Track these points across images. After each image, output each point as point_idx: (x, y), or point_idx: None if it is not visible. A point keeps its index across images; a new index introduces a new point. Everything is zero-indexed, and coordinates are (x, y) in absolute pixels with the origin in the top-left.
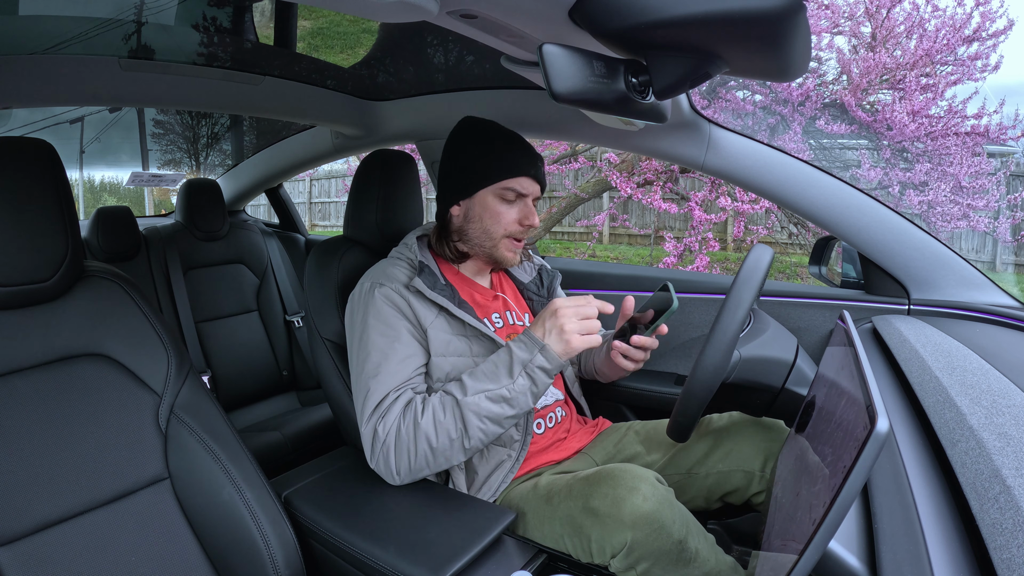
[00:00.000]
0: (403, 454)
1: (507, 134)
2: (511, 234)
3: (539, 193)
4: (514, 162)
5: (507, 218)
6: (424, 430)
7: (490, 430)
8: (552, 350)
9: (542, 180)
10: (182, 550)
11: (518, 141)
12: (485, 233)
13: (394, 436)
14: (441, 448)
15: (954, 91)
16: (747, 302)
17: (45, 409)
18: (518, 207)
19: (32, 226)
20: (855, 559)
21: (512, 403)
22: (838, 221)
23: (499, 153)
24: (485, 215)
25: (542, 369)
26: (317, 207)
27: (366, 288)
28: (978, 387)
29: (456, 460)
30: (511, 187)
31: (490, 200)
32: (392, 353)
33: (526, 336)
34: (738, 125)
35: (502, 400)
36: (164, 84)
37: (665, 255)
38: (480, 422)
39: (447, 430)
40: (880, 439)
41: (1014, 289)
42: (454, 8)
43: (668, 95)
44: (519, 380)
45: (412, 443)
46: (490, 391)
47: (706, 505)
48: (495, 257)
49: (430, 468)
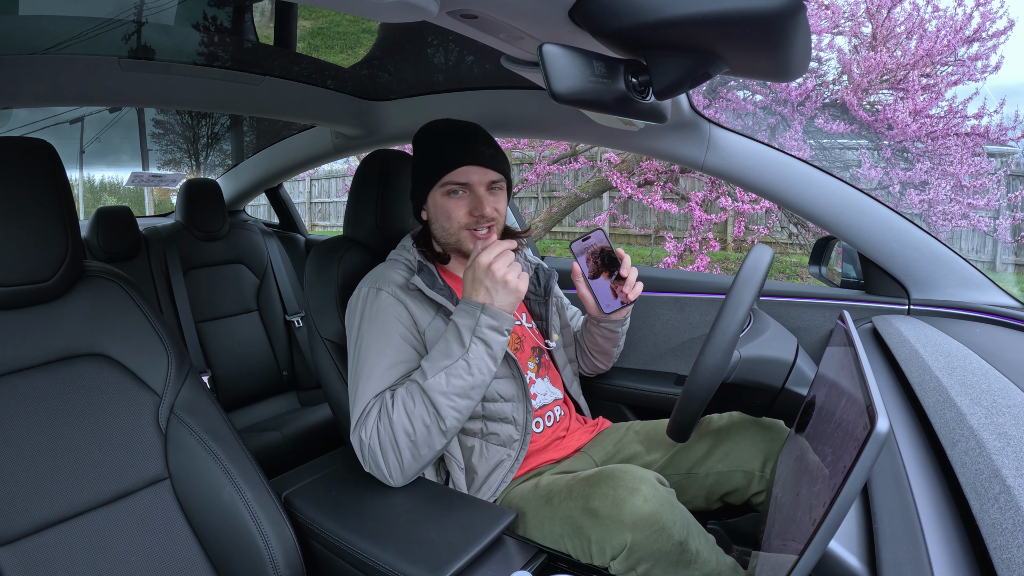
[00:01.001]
0: (388, 453)
1: (450, 129)
2: (465, 226)
3: (492, 178)
4: (449, 156)
5: (457, 213)
6: (399, 424)
7: (461, 405)
8: (494, 307)
9: (488, 163)
10: (182, 550)
11: (459, 133)
12: (444, 231)
13: (376, 438)
14: (420, 437)
15: (954, 91)
16: (747, 302)
17: (45, 409)
18: (467, 200)
19: (32, 226)
20: (855, 559)
21: (472, 371)
22: (838, 221)
23: (436, 152)
24: (439, 215)
25: (491, 328)
26: (317, 207)
27: (363, 292)
28: (978, 387)
29: (439, 445)
30: (451, 181)
31: (439, 199)
32: (381, 359)
33: (464, 303)
34: (738, 125)
35: (462, 372)
36: (164, 84)
37: (665, 255)
38: (448, 400)
39: (421, 417)
40: (880, 439)
41: (1014, 289)
42: (454, 8)
43: (668, 95)
44: (472, 347)
45: (392, 440)
46: (447, 366)
47: (706, 505)
48: (462, 251)
49: (418, 461)
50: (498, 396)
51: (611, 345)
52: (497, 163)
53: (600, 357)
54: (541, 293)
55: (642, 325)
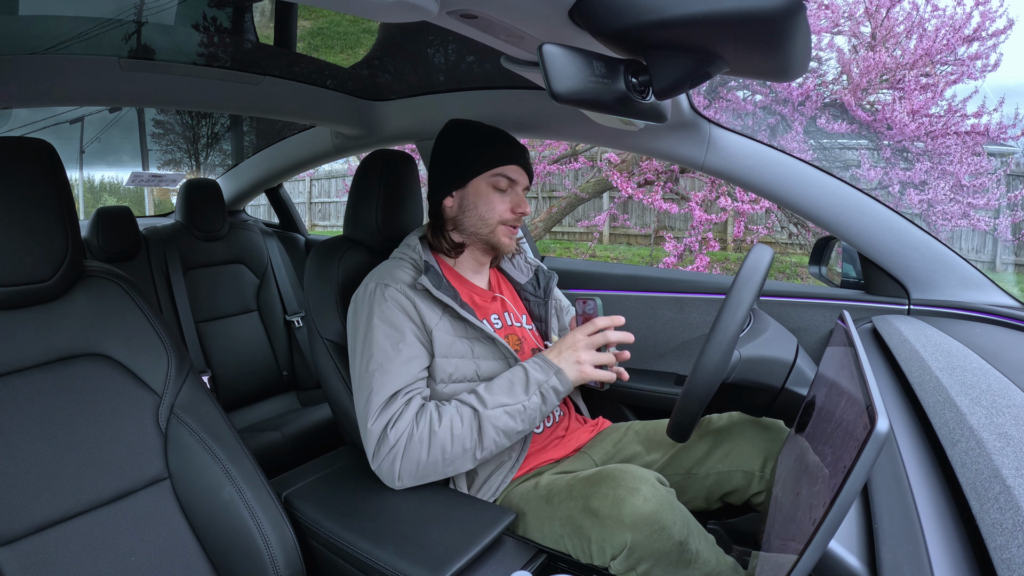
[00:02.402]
0: (412, 460)
1: (492, 129)
2: (505, 221)
3: (527, 183)
4: (504, 151)
5: (501, 206)
6: (441, 438)
7: (501, 443)
8: (566, 375)
9: (530, 170)
10: (182, 550)
11: (504, 134)
12: (481, 220)
13: (405, 441)
14: (453, 457)
15: (954, 90)
16: (747, 302)
17: (45, 409)
18: (510, 196)
19: (32, 226)
20: (855, 559)
21: (525, 419)
22: (838, 221)
23: (488, 143)
24: (480, 202)
25: (555, 390)
26: (317, 207)
27: (371, 288)
28: (978, 387)
29: (463, 469)
30: (503, 174)
31: (483, 188)
32: (396, 354)
33: (541, 359)
34: (738, 125)
35: (518, 415)
36: (164, 84)
37: (665, 255)
38: (496, 434)
39: (463, 440)
40: (880, 439)
41: (1014, 289)
42: (454, 8)
43: (668, 95)
44: (533, 398)
45: (425, 450)
46: (508, 406)
47: (706, 505)
48: (492, 243)
49: (435, 475)
50: None
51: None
52: (531, 172)
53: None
54: (541, 295)
55: (642, 325)
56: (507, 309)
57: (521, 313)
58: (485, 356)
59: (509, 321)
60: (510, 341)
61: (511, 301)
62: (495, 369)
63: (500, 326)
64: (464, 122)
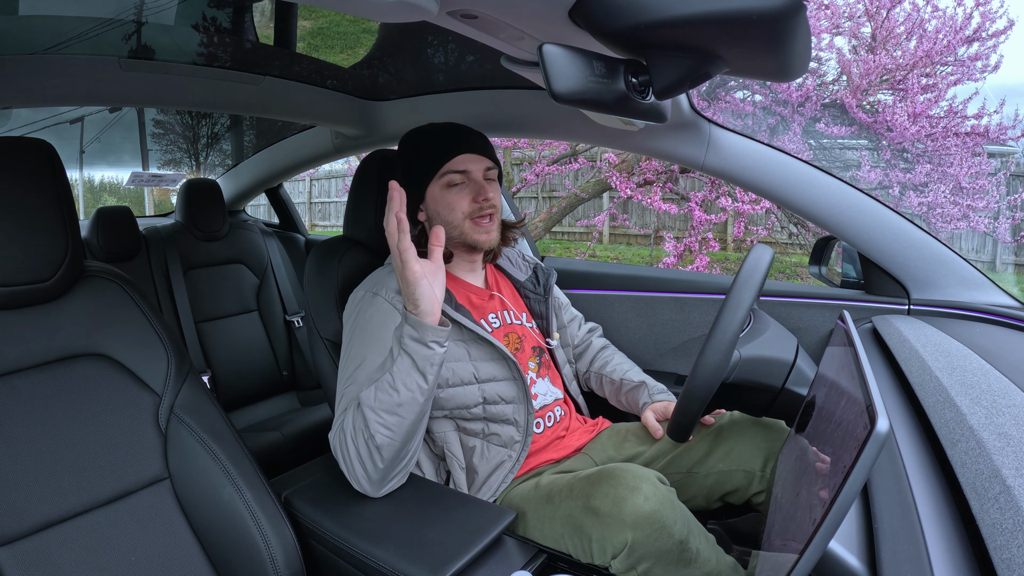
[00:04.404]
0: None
1: (438, 127)
2: (469, 215)
3: (488, 165)
4: (445, 146)
5: (460, 203)
6: (349, 435)
7: (389, 422)
8: (413, 315)
9: (484, 151)
10: (182, 550)
11: (449, 128)
12: (448, 224)
13: (339, 451)
14: (363, 452)
15: (954, 91)
16: (747, 302)
17: (45, 409)
18: (468, 188)
19: (32, 226)
20: (855, 559)
21: (397, 386)
22: (838, 221)
23: (430, 146)
24: (440, 208)
25: (412, 339)
26: (317, 207)
27: (359, 296)
28: (978, 387)
29: (380, 462)
30: (450, 170)
31: (438, 193)
32: (365, 364)
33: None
34: (738, 126)
35: (387, 387)
36: (164, 84)
37: (665, 255)
38: (377, 416)
39: (360, 431)
40: (880, 439)
41: (1014, 289)
42: (454, 8)
43: (668, 95)
44: (398, 360)
45: (346, 451)
46: (377, 379)
47: (706, 505)
48: (468, 242)
49: (379, 473)
50: (499, 398)
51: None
52: (489, 151)
53: (609, 397)
54: (541, 292)
55: (642, 325)
56: (505, 307)
57: (521, 311)
58: (482, 358)
59: (508, 319)
60: (510, 339)
61: (510, 299)
62: (494, 370)
63: (499, 324)
64: (409, 132)
